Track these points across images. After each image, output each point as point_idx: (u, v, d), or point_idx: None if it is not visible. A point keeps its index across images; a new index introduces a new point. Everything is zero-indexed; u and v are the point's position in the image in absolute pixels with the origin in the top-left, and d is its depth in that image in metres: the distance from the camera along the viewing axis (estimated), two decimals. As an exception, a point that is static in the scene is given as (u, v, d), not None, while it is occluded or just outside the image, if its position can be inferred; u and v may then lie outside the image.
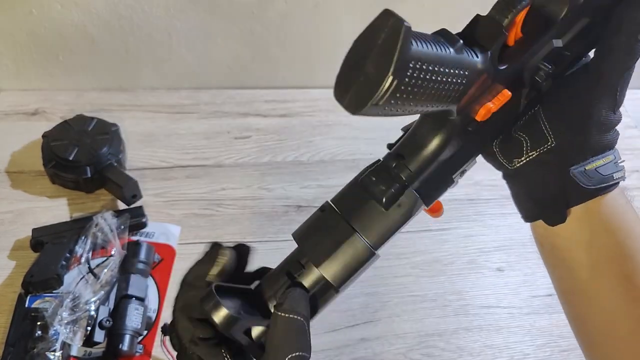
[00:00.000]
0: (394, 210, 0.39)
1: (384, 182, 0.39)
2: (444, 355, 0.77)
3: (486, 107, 0.36)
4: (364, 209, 0.39)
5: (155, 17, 0.98)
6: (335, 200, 0.41)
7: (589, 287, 0.42)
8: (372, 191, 0.39)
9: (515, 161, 0.42)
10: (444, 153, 0.39)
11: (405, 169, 0.39)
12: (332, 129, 1.06)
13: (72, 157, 0.86)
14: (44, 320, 0.69)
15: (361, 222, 0.39)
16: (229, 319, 0.36)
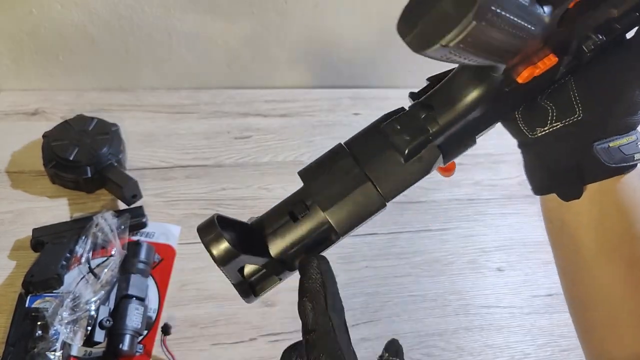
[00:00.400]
0: (412, 164, 0.37)
1: (409, 132, 0.37)
2: (444, 355, 0.77)
3: (530, 70, 0.35)
4: (382, 157, 0.37)
5: (155, 17, 0.98)
6: (350, 144, 0.39)
7: (593, 266, 0.41)
8: (394, 140, 0.37)
9: (538, 130, 0.41)
10: (476, 110, 0.37)
11: (434, 121, 0.37)
12: (332, 129, 1.06)
13: (72, 157, 0.86)
14: (45, 320, 0.69)
15: (377, 171, 0.37)
16: (229, 253, 0.35)
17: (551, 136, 0.40)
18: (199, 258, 0.82)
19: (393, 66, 1.14)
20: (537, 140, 0.41)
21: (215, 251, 0.34)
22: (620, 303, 0.41)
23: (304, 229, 0.38)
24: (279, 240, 0.38)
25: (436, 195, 0.96)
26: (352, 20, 1.05)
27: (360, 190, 0.37)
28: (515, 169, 1.03)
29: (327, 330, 0.34)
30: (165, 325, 0.75)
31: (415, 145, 0.37)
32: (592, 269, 0.41)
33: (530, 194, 1.04)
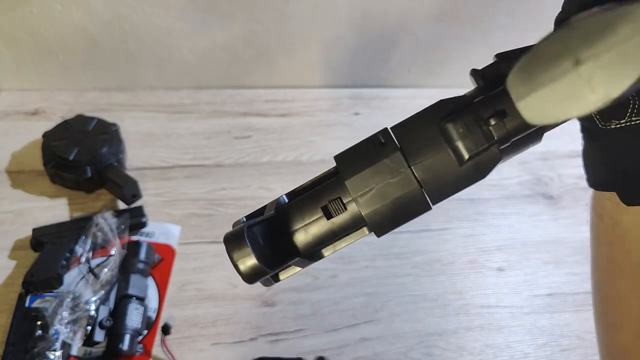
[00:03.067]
0: (469, 169, 0.33)
1: (474, 138, 0.32)
2: (444, 355, 0.77)
3: None
4: (436, 159, 0.33)
5: (155, 17, 0.98)
6: (399, 133, 0.34)
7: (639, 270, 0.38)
8: (455, 144, 0.33)
9: (614, 122, 0.35)
10: None
11: (503, 128, 0.32)
12: (332, 129, 1.06)
13: (72, 157, 0.86)
14: (44, 320, 0.69)
15: (428, 173, 0.33)
16: (256, 270, 0.32)
17: (627, 131, 0.35)
18: (198, 258, 0.82)
19: (393, 66, 1.14)
20: (608, 132, 0.36)
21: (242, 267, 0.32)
22: None
23: (338, 226, 0.35)
24: (310, 238, 0.36)
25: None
26: (352, 20, 1.05)
27: (406, 193, 0.34)
28: (516, 169, 1.03)
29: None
30: (165, 325, 0.75)
31: (477, 152, 0.33)
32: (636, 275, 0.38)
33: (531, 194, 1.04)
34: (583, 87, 0.22)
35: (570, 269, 0.88)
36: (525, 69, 0.24)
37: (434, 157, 0.33)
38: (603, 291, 0.43)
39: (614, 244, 0.39)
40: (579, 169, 0.43)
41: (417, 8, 1.05)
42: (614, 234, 0.39)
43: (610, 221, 0.39)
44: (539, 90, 0.23)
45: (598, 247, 0.42)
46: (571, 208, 0.97)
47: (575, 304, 0.84)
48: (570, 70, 0.22)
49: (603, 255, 0.41)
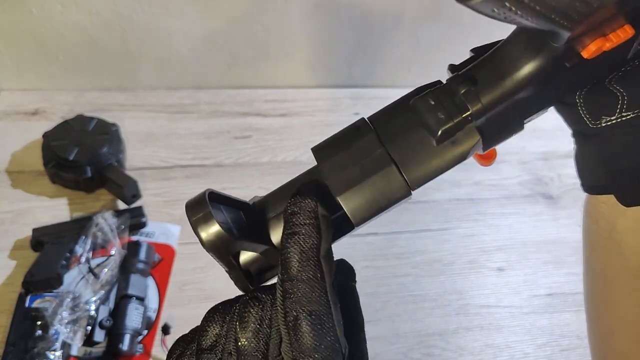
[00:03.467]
0: (446, 147, 0.32)
1: (445, 109, 0.31)
2: (444, 355, 0.77)
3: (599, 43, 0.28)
4: (410, 137, 0.32)
5: (155, 17, 0.98)
6: (373, 119, 0.33)
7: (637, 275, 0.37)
8: (426, 118, 0.31)
9: (603, 119, 0.34)
10: (528, 88, 0.31)
11: (476, 99, 0.31)
12: (332, 129, 1.05)
13: (72, 157, 0.86)
14: (44, 320, 0.69)
15: (403, 153, 0.32)
16: (219, 237, 0.29)
17: (618, 128, 0.34)
18: (198, 258, 0.82)
19: (393, 66, 1.14)
20: (600, 131, 0.34)
21: (203, 234, 0.29)
22: None
23: None
24: None
25: (436, 195, 0.96)
26: (352, 20, 1.05)
27: (382, 174, 0.31)
28: (516, 169, 1.03)
29: (313, 276, 0.28)
30: (165, 325, 0.75)
31: (451, 125, 0.31)
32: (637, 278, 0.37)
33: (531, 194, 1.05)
34: None
35: (570, 269, 0.88)
36: None
37: (407, 135, 0.32)
38: (598, 297, 0.42)
39: (610, 249, 0.38)
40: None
41: (417, 8, 1.05)
42: (610, 238, 0.38)
43: (606, 226, 0.38)
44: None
45: (592, 253, 0.41)
46: (571, 208, 0.97)
47: (575, 304, 0.84)
48: None
49: (598, 260, 0.40)
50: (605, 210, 0.37)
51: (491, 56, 0.32)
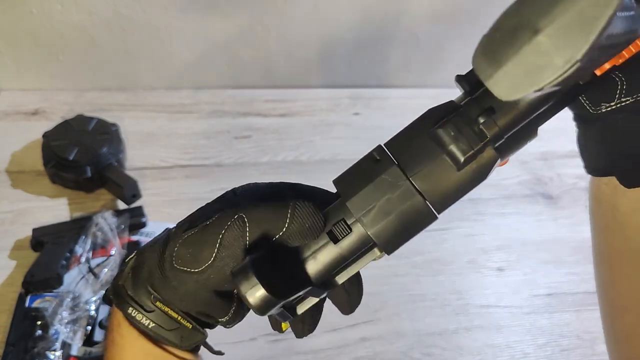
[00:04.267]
0: (466, 172, 0.33)
1: (466, 139, 0.32)
2: (444, 355, 0.77)
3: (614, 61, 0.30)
4: (433, 166, 0.33)
5: (155, 17, 0.98)
6: (393, 148, 0.34)
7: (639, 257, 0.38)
8: (449, 149, 0.32)
9: (603, 106, 0.35)
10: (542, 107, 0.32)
11: (494, 125, 0.32)
12: (332, 129, 1.06)
13: (72, 157, 0.86)
14: (45, 320, 0.69)
15: (427, 181, 0.33)
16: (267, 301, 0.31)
17: (618, 113, 0.35)
18: (199, 258, 0.82)
19: (393, 66, 1.14)
20: (600, 116, 0.35)
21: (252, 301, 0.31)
22: None
23: (346, 250, 0.35)
24: (320, 265, 0.35)
25: (436, 195, 0.96)
26: (352, 20, 1.05)
27: (409, 206, 0.33)
28: (516, 169, 1.03)
29: None
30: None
31: (473, 153, 0.32)
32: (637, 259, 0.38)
33: (530, 194, 1.04)
34: (545, 55, 0.22)
35: (570, 269, 0.88)
36: (487, 48, 0.24)
37: (430, 165, 0.33)
38: (605, 277, 0.42)
39: (613, 228, 0.39)
40: (578, 168, 0.43)
41: (417, 8, 1.05)
42: (612, 218, 0.39)
43: (608, 206, 0.39)
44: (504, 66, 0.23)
45: (598, 233, 0.42)
46: (571, 208, 0.97)
47: (575, 304, 0.84)
48: (530, 39, 0.22)
49: (603, 240, 0.41)
50: (608, 192, 0.38)
51: None
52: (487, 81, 0.24)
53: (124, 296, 0.36)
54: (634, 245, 0.38)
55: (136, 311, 0.36)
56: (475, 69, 0.24)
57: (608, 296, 0.43)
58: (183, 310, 0.36)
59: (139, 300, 0.36)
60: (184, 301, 0.35)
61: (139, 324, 0.36)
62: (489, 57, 0.23)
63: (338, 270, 0.36)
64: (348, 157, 1.14)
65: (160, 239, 0.37)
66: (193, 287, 0.34)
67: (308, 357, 0.74)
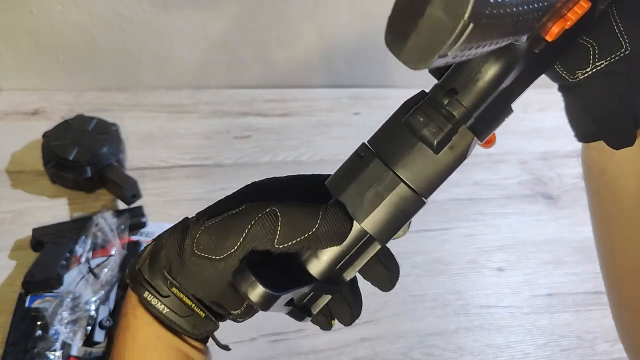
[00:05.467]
0: (445, 154, 0.34)
1: (435, 122, 0.33)
2: (444, 355, 0.77)
3: (560, 24, 0.30)
4: (411, 154, 0.34)
5: (155, 16, 0.98)
6: (374, 144, 0.36)
7: (632, 218, 0.39)
8: (421, 134, 0.34)
9: (579, 73, 0.36)
10: (504, 82, 0.34)
11: (459, 105, 0.33)
12: (332, 129, 1.06)
13: (72, 157, 0.86)
14: (44, 320, 0.69)
15: (408, 169, 0.34)
16: (267, 297, 0.33)
17: (595, 77, 0.36)
18: (199, 258, 0.82)
19: (393, 66, 1.14)
20: (579, 83, 0.36)
21: (253, 298, 0.33)
22: None
23: (345, 245, 0.36)
24: (320, 263, 0.37)
25: (436, 195, 0.95)
26: (352, 20, 1.05)
27: (394, 194, 0.34)
28: (515, 169, 1.03)
29: None
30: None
31: (444, 135, 0.33)
32: (632, 219, 0.39)
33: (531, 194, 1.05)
34: (438, 21, 0.23)
35: (570, 269, 0.88)
36: (393, 27, 0.26)
37: (408, 153, 0.34)
38: (601, 243, 0.43)
39: (603, 193, 0.40)
40: (579, 168, 0.43)
41: None
42: (602, 182, 0.40)
43: (597, 170, 0.40)
44: (408, 40, 0.24)
45: (591, 198, 0.42)
46: (571, 208, 0.97)
47: (575, 304, 0.84)
48: (424, 9, 0.24)
49: (596, 204, 0.42)
50: (596, 156, 0.39)
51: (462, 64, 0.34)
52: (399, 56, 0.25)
53: (140, 280, 0.37)
54: (625, 206, 0.39)
55: (151, 296, 0.36)
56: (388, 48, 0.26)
57: (606, 262, 0.43)
58: (197, 297, 0.36)
59: (155, 285, 0.36)
60: (200, 288, 0.36)
61: (154, 308, 0.36)
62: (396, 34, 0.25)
63: (342, 265, 0.37)
64: (348, 157, 1.13)
65: (180, 226, 0.37)
66: (211, 274, 0.35)
67: (308, 357, 0.74)
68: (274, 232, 0.34)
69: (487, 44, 0.26)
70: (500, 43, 0.27)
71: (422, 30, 0.24)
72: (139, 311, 0.37)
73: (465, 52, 0.25)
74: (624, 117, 0.36)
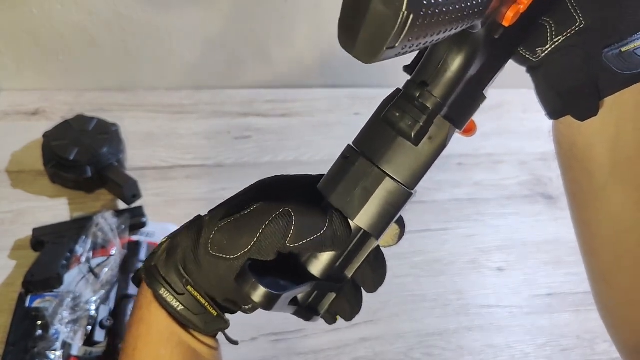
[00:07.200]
0: (425, 145, 0.36)
1: (409, 115, 0.35)
2: (444, 355, 0.77)
3: (515, 9, 0.31)
4: (392, 148, 0.36)
5: (155, 17, 0.98)
6: (358, 143, 0.38)
7: (603, 189, 0.39)
8: (398, 127, 0.36)
9: (539, 51, 0.37)
10: (470, 70, 0.35)
11: (431, 96, 0.35)
12: (332, 129, 1.06)
13: (72, 157, 0.86)
14: (45, 320, 0.69)
15: (392, 163, 0.36)
16: (269, 297, 0.34)
17: (554, 53, 0.37)
18: (199, 258, 0.82)
19: (393, 66, 1.14)
20: (541, 61, 0.38)
21: (256, 299, 0.34)
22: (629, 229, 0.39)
23: None
24: (320, 262, 0.38)
25: (436, 195, 0.96)
26: (352, 20, 1.05)
27: (381, 188, 0.36)
28: (515, 169, 1.03)
29: None
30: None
31: (421, 126, 0.35)
32: (604, 191, 0.39)
33: (530, 194, 1.05)
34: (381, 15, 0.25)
35: (570, 269, 0.88)
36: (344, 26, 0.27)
37: (390, 147, 0.36)
38: (577, 218, 0.44)
39: (574, 167, 0.41)
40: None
41: None
42: (573, 156, 0.40)
43: (567, 145, 0.41)
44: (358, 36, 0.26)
45: (565, 175, 0.43)
46: (571, 208, 0.97)
47: (574, 304, 0.84)
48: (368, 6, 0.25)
49: (569, 180, 0.43)
50: (565, 131, 0.40)
51: (427, 58, 0.36)
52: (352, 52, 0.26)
53: (156, 276, 0.38)
54: (595, 180, 0.39)
55: (167, 293, 0.37)
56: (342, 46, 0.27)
57: (581, 235, 0.44)
58: (211, 295, 0.38)
59: (171, 282, 0.37)
60: (214, 286, 0.37)
61: (169, 305, 0.37)
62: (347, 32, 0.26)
63: (341, 263, 0.38)
64: (348, 157, 1.12)
65: (194, 225, 0.38)
66: (225, 273, 0.36)
67: (308, 357, 0.74)
68: (287, 231, 0.35)
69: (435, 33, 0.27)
70: (450, 31, 0.28)
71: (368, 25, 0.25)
72: (154, 306, 0.38)
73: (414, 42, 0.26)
74: (585, 90, 0.37)
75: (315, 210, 0.37)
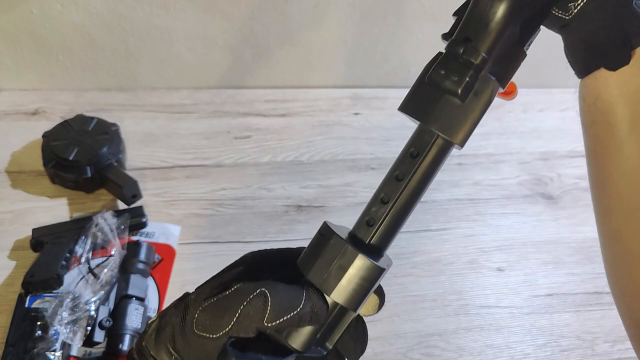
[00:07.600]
0: (471, 101, 0.36)
1: (455, 72, 0.36)
2: (444, 355, 0.77)
3: None
4: (439, 107, 0.36)
5: (155, 17, 0.98)
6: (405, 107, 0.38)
7: (623, 145, 0.40)
8: (444, 85, 0.36)
9: (571, 6, 0.39)
10: (512, 24, 0.36)
11: (475, 51, 0.36)
12: (332, 129, 1.06)
13: (72, 157, 0.86)
14: (44, 320, 0.69)
15: (440, 122, 0.36)
16: None
17: (587, 6, 0.38)
18: (198, 258, 0.82)
19: (393, 66, 1.14)
20: (574, 17, 0.39)
21: None
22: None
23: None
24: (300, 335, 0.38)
25: (436, 195, 0.96)
26: (352, 20, 1.05)
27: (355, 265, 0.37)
28: (515, 169, 1.03)
29: None
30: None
31: (468, 82, 0.35)
32: (623, 146, 0.40)
33: (530, 194, 1.05)
34: None
35: (570, 269, 0.88)
36: None
37: (436, 106, 0.36)
38: (595, 176, 0.44)
39: (597, 120, 0.41)
40: (578, 169, 0.43)
41: (417, 8, 1.05)
42: (596, 109, 0.41)
43: (591, 99, 0.41)
44: None
45: (586, 132, 0.43)
46: (571, 208, 0.97)
47: (575, 304, 0.84)
48: None
49: (591, 136, 0.43)
50: (591, 84, 0.41)
51: (470, 12, 0.37)
52: None
53: (147, 356, 0.39)
54: (617, 134, 0.40)
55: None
56: None
57: (597, 197, 0.44)
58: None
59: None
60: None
61: None
62: None
63: (322, 335, 0.39)
64: (348, 157, 1.14)
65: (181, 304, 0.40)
66: (210, 350, 0.37)
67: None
68: (264, 312, 0.36)
69: None
70: None
71: None
72: None
73: None
74: (618, 39, 0.38)
75: (292, 288, 0.38)
